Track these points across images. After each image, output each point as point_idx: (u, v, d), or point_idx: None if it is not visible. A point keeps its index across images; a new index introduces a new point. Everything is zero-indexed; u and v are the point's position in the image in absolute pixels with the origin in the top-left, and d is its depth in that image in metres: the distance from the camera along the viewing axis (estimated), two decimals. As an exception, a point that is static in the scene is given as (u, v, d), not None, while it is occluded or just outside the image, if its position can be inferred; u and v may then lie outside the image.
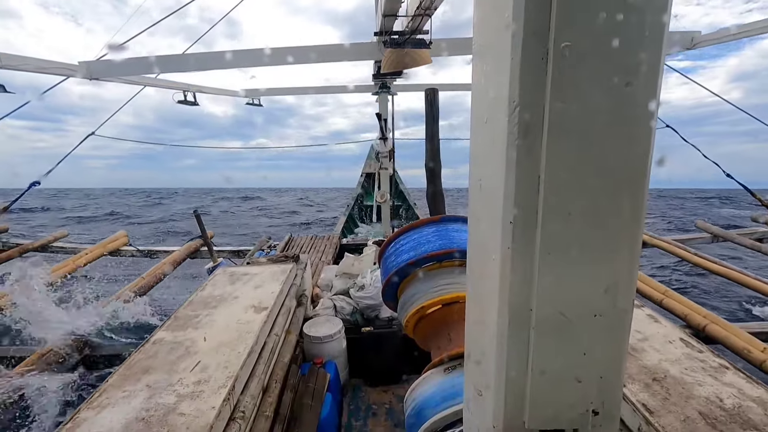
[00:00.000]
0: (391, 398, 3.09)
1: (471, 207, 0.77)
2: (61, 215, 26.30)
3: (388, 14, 4.28)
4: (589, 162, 0.60)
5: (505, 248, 0.65)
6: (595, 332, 0.68)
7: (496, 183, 0.65)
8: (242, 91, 8.58)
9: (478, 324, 0.80)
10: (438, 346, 2.06)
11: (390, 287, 2.31)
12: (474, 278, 0.80)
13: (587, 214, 0.62)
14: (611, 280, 0.66)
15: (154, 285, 4.64)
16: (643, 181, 0.62)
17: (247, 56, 5.25)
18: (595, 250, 0.64)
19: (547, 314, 0.66)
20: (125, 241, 6.12)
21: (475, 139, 0.73)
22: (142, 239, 12.45)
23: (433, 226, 2.26)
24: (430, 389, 1.80)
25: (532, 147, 0.59)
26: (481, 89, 0.69)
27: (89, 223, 22.50)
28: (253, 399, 1.89)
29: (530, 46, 0.56)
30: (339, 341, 3.09)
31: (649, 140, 0.60)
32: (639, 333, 2.12)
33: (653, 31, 0.55)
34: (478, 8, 0.67)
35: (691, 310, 3.74)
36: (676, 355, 1.91)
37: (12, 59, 4.15)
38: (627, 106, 0.58)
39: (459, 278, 2.09)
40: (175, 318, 2.39)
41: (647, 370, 1.78)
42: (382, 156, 7.03)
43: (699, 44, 5.68)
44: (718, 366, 1.79)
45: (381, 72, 5.54)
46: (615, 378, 0.72)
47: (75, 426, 1.53)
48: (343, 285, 3.73)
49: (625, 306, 0.67)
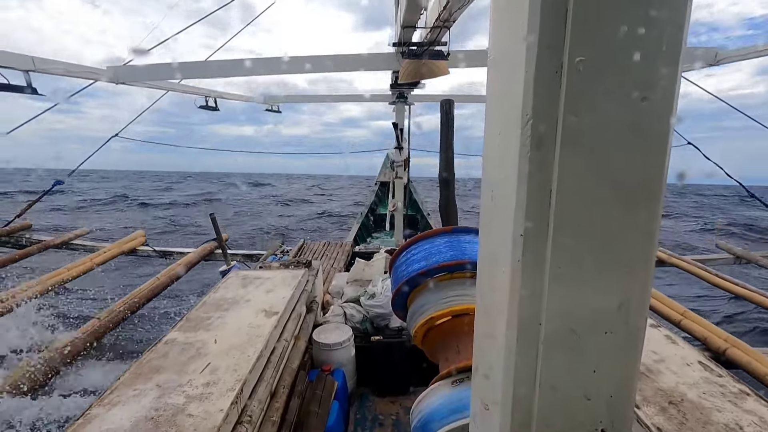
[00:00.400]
0: (399, 409, 3.06)
1: (482, 218, 0.77)
2: (77, 198, 26.92)
3: (407, 26, 4.33)
4: (603, 176, 0.59)
5: (515, 261, 0.64)
6: (605, 349, 0.66)
7: (507, 195, 0.64)
8: (261, 97, 8.75)
9: (487, 337, 0.79)
10: (446, 357, 2.04)
11: (400, 296, 2.30)
12: (484, 290, 0.80)
13: (600, 228, 0.61)
14: (624, 296, 0.64)
15: (169, 285, 4.72)
16: (657, 197, 0.61)
17: (266, 64, 5.37)
18: (608, 265, 0.63)
19: (556, 329, 0.65)
20: (142, 241, 6.24)
21: (488, 150, 0.73)
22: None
23: (445, 237, 2.25)
24: (437, 401, 1.78)
25: (544, 160, 0.59)
26: (495, 100, 0.69)
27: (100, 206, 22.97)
28: (260, 403, 1.90)
29: (545, 59, 0.56)
30: (348, 349, 3.08)
31: (664, 155, 0.59)
32: (655, 354, 2.06)
33: (671, 46, 0.54)
34: (494, 21, 0.67)
35: (710, 333, 3.62)
36: (694, 378, 1.85)
37: (44, 63, 4.32)
38: (643, 121, 0.57)
39: (469, 290, 2.07)
40: (188, 319, 2.42)
41: (663, 393, 1.73)
42: (397, 165, 7.06)
43: (723, 60, 5.58)
44: (739, 392, 1.73)
45: (398, 82, 5.59)
46: (626, 397, 0.70)
47: (86, 422, 1.56)
48: (354, 293, 3.73)
49: (638, 323, 0.66)
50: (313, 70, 5.21)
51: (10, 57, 4.01)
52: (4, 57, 3.93)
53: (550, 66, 0.56)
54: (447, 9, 3.43)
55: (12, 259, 5.01)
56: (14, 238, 5.70)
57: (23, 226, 5.82)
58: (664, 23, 0.53)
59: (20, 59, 4.10)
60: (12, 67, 4.01)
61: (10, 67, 3.99)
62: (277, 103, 9.00)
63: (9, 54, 4.00)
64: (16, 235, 5.72)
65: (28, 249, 5.32)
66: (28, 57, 4.18)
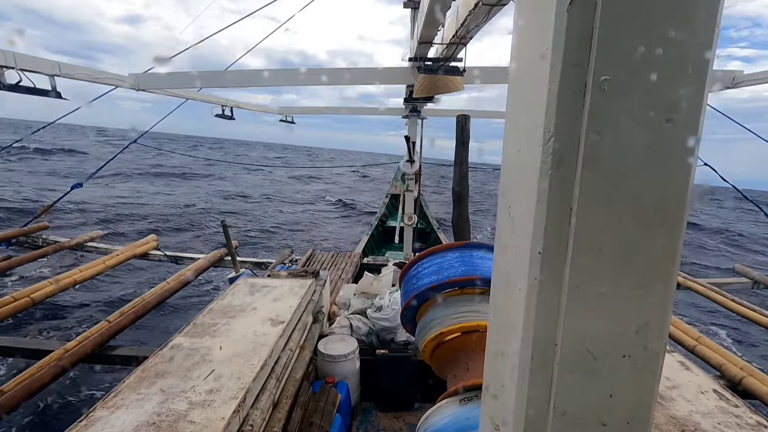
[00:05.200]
0: (402, 425, 3.01)
1: (498, 234, 0.76)
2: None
3: (424, 41, 4.38)
4: (624, 197, 0.58)
5: (532, 279, 0.63)
6: (623, 374, 0.65)
7: (526, 212, 0.64)
8: (277, 107, 8.90)
9: (499, 355, 0.78)
10: (455, 375, 2.00)
11: (409, 310, 2.28)
12: (497, 308, 0.78)
13: (619, 249, 0.60)
14: (642, 320, 0.63)
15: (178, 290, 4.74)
16: (680, 220, 0.60)
17: (283, 75, 5.46)
18: (627, 287, 0.62)
19: (572, 351, 0.64)
20: (155, 245, 6.30)
21: (507, 167, 0.72)
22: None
23: (456, 252, 2.24)
24: (444, 420, 1.74)
25: (564, 178, 0.59)
26: (516, 118, 0.69)
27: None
28: (262, 413, 1.88)
29: (568, 77, 0.55)
30: (353, 361, 3.05)
31: (688, 178, 0.58)
32: (668, 380, 2.01)
33: (697, 68, 0.54)
34: (517, 37, 0.68)
35: (726, 360, 3.51)
36: (709, 407, 1.79)
37: (68, 68, 4.45)
38: (666, 143, 0.56)
39: (480, 306, 2.04)
40: (194, 325, 2.43)
41: (676, 422, 1.67)
42: (408, 178, 7.08)
43: (740, 84, 5.54)
44: (756, 424, 1.67)
45: (413, 96, 5.64)
46: (643, 425, 0.68)
47: (89, 424, 1.56)
48: (361, 304, 3.70)
49: (657, 349, 0.64)
50: (330, 82, 5.29)
51: (37, 62, 4.15)
52: (31, 62, 4.06)
53: (574, 84, 0.55)
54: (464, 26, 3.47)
55: (29, 259, 5.11)
56: (31, 238, 5.82)
57: (40, 227, 5.94)
58: (692, 45, 0.53)
59: (46, 64, 4.24)
60: (38, 71, 4.14)
61: (37, 71, 4.12)
62: (291, 114, 9.13)
63: (36, 59, 4.14)
64: (33, 236, 5.84)
65: (44, 249, 5.41)
66: (55, 62, 4.33)
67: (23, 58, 3.91)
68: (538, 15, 0.60)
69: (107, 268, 5.15)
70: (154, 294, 4.28)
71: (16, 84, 3.91)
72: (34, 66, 4.07)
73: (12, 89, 3.93)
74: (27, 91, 4.04)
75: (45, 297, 4.08)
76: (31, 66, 4.03)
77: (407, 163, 6.89)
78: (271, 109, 8.91)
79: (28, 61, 3.98)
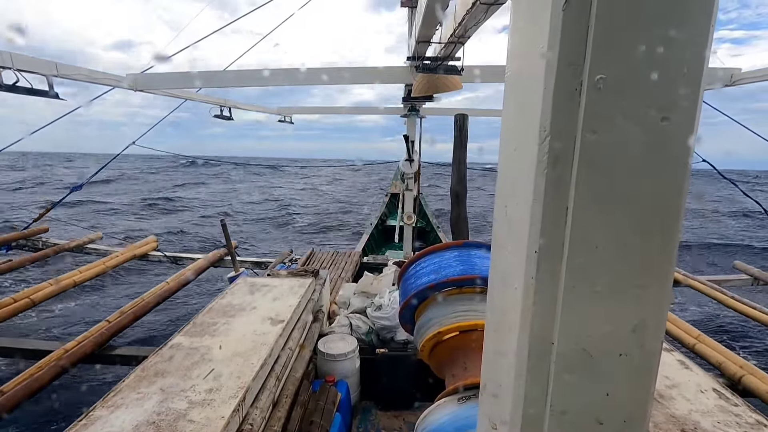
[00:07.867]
0: (402, 424, 3.01)
1: (495, 234, 0.76)
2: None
3: (422, 40, 4.37)
4: (620, 195, 0.58)
5: (528, 278, 0.63)
6: (619, 373, 0.65)
7: (522, 211, 0.64)
8: (275, 108, 8.89)
9: (497, 355, 0.78)
10: (453, 374, 2.00)
11: (408, 309, 2.28)
12: (494, 307, 0.78)
13: (616, 248, 0.60)
14: (639, 318, 0.63)
15: (177, 290, 4.74)
16: (676, 218, 0.60)
17: (283, 75, 5.45)
18: (623, 286, 0.62)
19: (569, 349, 0.64)
20: (154, 246, 6.30)
21: (504, 166, 0.72)
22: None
23: (455, 251, 2.24)
24: (443, 418, 1.74)
25: (561, 177, 0.59)
26: (512, 117, 0.69)
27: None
28: (262, 412, 1.88)
29: (564, 76, 0.55)
30: (352, 360, 3.05)
31: (684, 176, 0.58)
32: (668, 379, 2.01)
33: (693, 67, 0.54)
34: (513, 36, 0.68)
35: (726, 359, 3.51)
36: (708, 406, 1.79)
37: (66, 69, 4.44)
38: (663, 142, 0.56)
39: (478, 305, 2.04)
40: (194, 324, 2.43)
41: (676, 421, 1.68)
42: (407, 177, 7.07)
43: (738, 81, 5.54)
44: (755, 422, 1.67)
45: (411, 95, 5.64)
46: (640, 423, 0.68)
47: (89, 423, 1.56)
48: (361, 304, 3.71)
49: (653, 348, 0.64)
50: (330, 81, 5.29)
51: (35, 62, 4.14)
52: (29, 62, 4.05)
53: (570, 83, 0.55)
54: (462, 25, 3.46)
55: (29, 261, 5.13)
56: (31, 241, 5.85)
57: (40, 230, 5.96)
58: (687, 43, 0.53)
59: (44, 64, 4.23)
60: (36, 71, 4.13)
61: (35, 72, 4.11)
62: (290, 114, 9.12)
63: (33, 59, 4.13)
64: (33, 239, 5.86)
65: (44, 251, 5.43)
66: (52, 62, 4.32)
67: (20, 59, 3.90)
68: (534, 14, 0.60)
69: (107, 269, 5.15)
70: (154, 294, 4.28)
71: (14, 84, 3.90)
72: (32, 66, 4.07)
73: (9, 89, 3.92)
74: (25, 91, 4.03)
75: (45, 298, 4.09)
76: (29, 66, 4.02)
77: (406, 162, 6.88)
78: (270, 109, 8.90)
79: (25, 61, 3.97)
